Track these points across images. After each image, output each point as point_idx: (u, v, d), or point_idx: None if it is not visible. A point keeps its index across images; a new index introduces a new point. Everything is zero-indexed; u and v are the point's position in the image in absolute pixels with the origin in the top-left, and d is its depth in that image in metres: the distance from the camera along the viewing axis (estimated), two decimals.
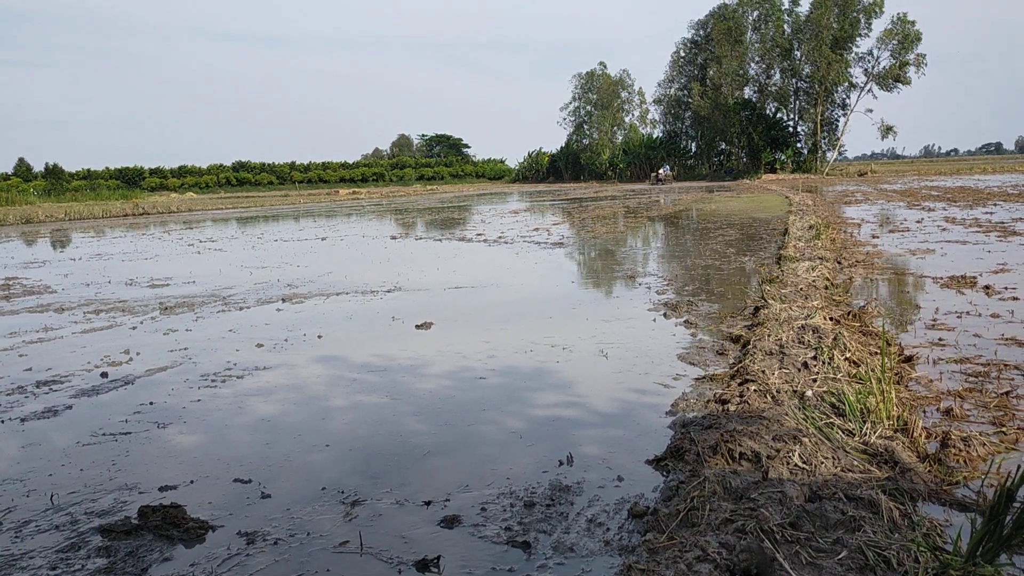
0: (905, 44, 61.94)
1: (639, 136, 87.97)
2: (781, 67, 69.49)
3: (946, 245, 12.59)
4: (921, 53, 62.05)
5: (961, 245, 12.52)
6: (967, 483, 3.50)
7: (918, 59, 62.13)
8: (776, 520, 2.93)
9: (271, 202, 59.62)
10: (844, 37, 63.93)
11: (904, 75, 62.66)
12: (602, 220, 23.23)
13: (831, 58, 63.21)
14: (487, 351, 6.62)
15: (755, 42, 70.57)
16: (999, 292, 8.06)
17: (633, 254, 14.42)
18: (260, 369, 6.35)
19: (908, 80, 62.73)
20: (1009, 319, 6.79)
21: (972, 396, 4.73)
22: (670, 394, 5.15)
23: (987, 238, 13.28)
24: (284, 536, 3.33)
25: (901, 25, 61.94)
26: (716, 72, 70.73)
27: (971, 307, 7.39)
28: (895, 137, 73.00)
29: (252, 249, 18.34)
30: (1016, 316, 6.89)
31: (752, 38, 70.93)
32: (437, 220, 28.25)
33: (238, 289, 11.09)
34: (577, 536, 3.20)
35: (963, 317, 6.98)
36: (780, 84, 70.69)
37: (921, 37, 61.60)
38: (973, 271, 9.45)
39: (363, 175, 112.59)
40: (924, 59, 62.04)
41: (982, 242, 12.75)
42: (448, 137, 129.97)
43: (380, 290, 10.41)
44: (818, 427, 4.01)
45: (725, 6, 72.43)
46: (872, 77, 64.33)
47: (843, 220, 19.24)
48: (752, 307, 7.79)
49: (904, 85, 63.03)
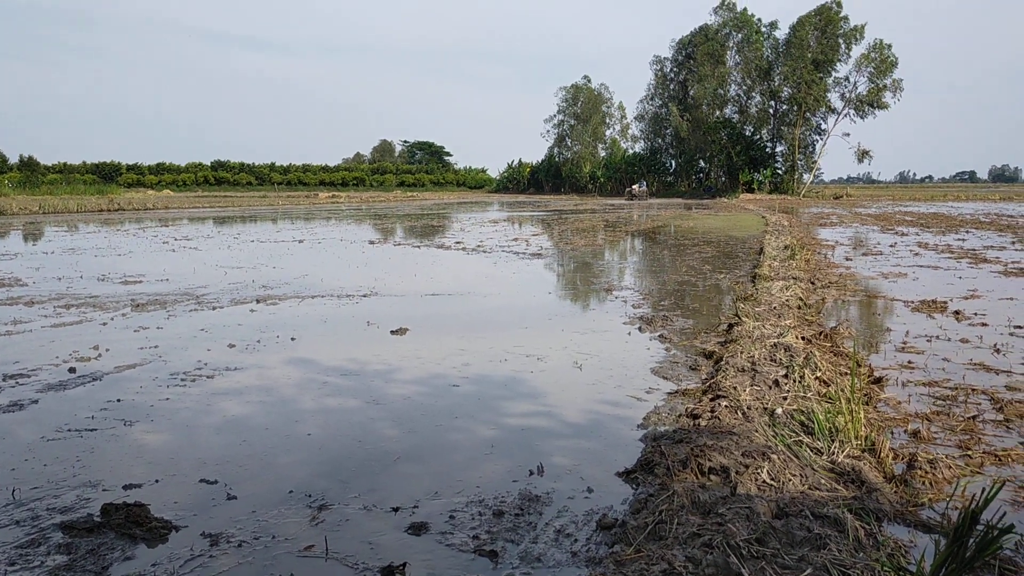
0: (882, 69, 62.84)
1: (620, 151, 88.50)
2: (760, 89, 70.20)
3: (918, 270, 12.76)
4: (898, 78, 63.14)
5: (933, 270, 12.69)
6: (932, 505, 3.53)
7: (894, 84, 63.10)
8: (743, 536, 2.94)
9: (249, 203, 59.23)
10: (824, 60, 64.73)
11: (881, 100, 63.56)
12: (581, 233, 23.30)
13: (810, 79, 63.91)
14: (461, 359, 6.61)
15: (737, 63, 71.28)
16: (969, 317, 8.17)
17: (610, 267, 14.47)
18: (231, 369, 6.29)
19: (885, 105, 63.64)
20: (978, 344, 6.89)
21: (939, 419, 4.79)
22: (642, 407, 5.17)
23: (959, 264, 13.47)
24: (248, 538, 3.30)
25: (878, 51, 62.83)
26: (698, 91, 71.33)
27: (941, 331, 7.48)
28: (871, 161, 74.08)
29: (228, 249, 18.19)
30: (985, 342, 6.98)
31: (734, 59, 71.66)
32: (416, 227, 28.20)
33: (212, 288, 10.99)
34: (545, 546, 3.20)
35: (933, 341, 7.07)
36: (760, 105, 71.42)
37: (897, 63, 62.57)
38: (944, 296, 9.58)
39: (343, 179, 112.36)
40: (900, 84, 63.08)
41: (953, 268, 12.93)
42: (430, 145, 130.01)
43: (356, 294, 10.37)
44: (787, 444, 4.04)
45: (707, 27, 73.18)
46: (849, 101, 65.17)
47: (818, 242, 19.43)
48: (726, 324, 7.84)
49: (880, 110, 63.92)
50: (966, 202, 54.45)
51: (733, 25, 71.06)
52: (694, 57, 73.49)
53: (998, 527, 2.68)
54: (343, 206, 54.53)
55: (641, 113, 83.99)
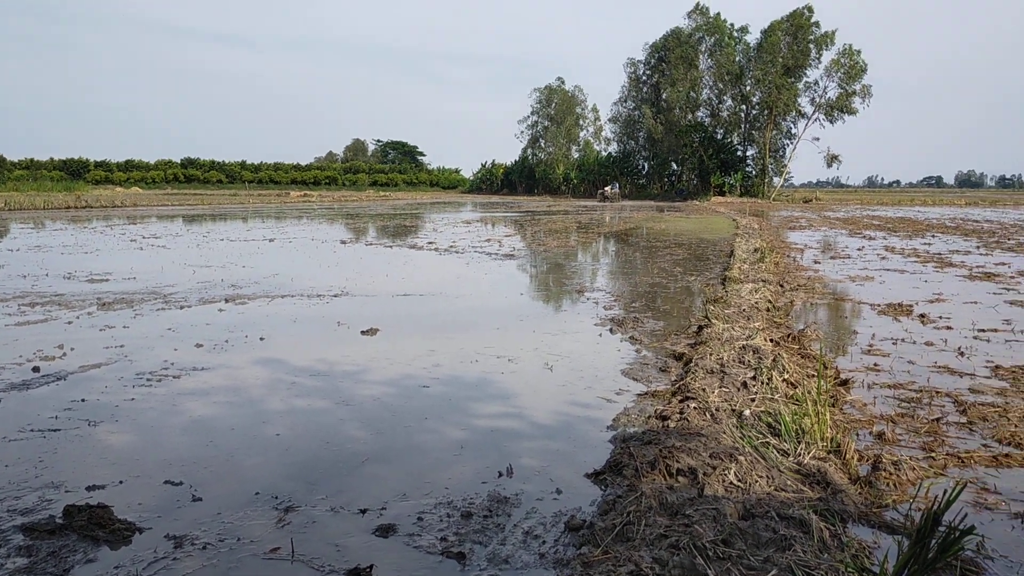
0: (851, 75, 63.57)
1: (594, 153, 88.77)
2: (732, 93, 70.77)
3: (885, 273, 12.93)
4: (867, 84, 63.80)
5: (899, 274, 12.87)
6: (896, 506, 3.58)
7: (864, 90, 63.82)
8: (709, 537, 2.96)
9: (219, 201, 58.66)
10: (795, 66, 65.38)
11: (850, 105, 64.29)
12: (554, 234, 23.34)
13: (781, 84, 64.53)
14: (432, 360, 6.59)
15: (709, 67, 71.80)
16: (934, 321, 8.29)
17: (582, 269, 14.51)
18: (198, 369, 6.22)
19: (854, 110, 64.38)
20: (942, 348, 6.99)
21: (904, 421, 4.86)
22: (612, 409, 5.18)
23: (924, 268, 13.67)
24: (213, 541, 3.26)
25: (848, 56, 63.57)
26: (670, 94, 71.75)
27: (906, 334, 7.59)
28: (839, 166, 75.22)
29: (197, 248, 18.00)
30: (949, 345, 7.09)
31: (706, 63, 72.18)
32: (389, 227, 28.09)
33: (180, 287, 10.87)
34: (513, 548, 3.20)
35: (898, 344, 7.16)
36: (731, 109, 72.00)
37: (866, 69, 63.34)
38: (910, 300, 9.72)
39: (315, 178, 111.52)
40: (869, 90, 63.77)
41: (919, 272, 13.13)
42: (404, 144, 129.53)
43: (327, 294, 10.31)
44: (754, 446, 4.07)
45: (679, 30, 73.65)
46: (819, 106, 65.88)
47: (787, 245, 19.63)
48: (696, 326, 7.90)
49: (850, 115, 64.67)
50: (933, 207, 55.30)
51: (706, 30, 71.57)
52: (667, 61, 73.87)
53: (959, 528, 2.72)
54: (315, 205, 54.17)
55: (615, 115, 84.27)
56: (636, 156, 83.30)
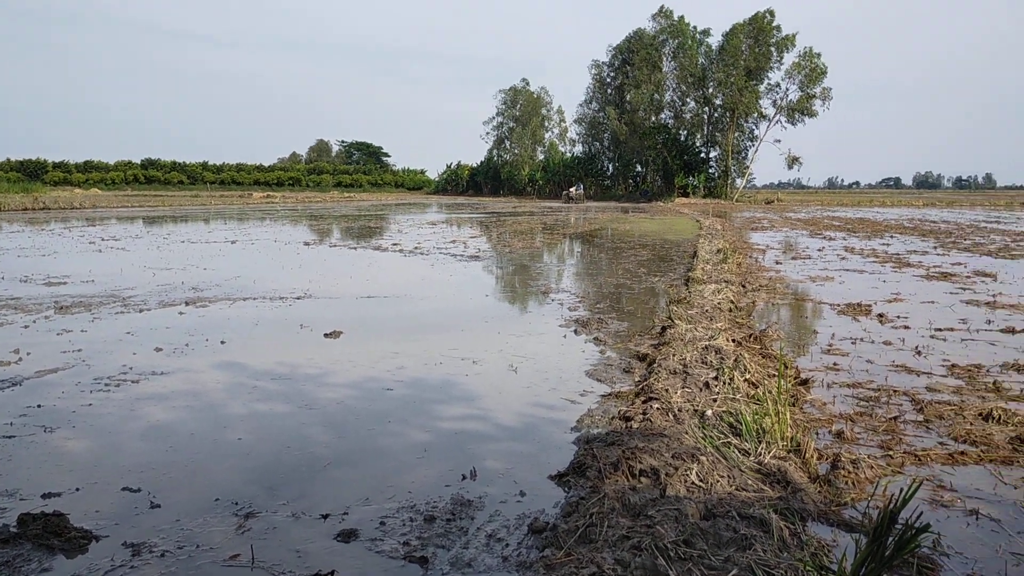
0: (812, 78, 64.42)
1: (559, 154, 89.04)
2: (695, 95, 71.38)
3: (844, 274, 13.13)
4: (827, 87, 64.70)
5: (859, 274, 13.07)
6: (855, 504, 3.63)
7: (824, 93, 64.69)
8: (671, 537, 2.98)
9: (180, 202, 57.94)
10: (756, 68, 66.10)
11: (810, 108, 65.15)
12: (519, 235, 23.37)
13: (742, 86, 65.22)
14: (396, 362, 6.56)
15: (673, 70, 72.36)
16: (892, 320, 8.43)
17: (548, 270, 14.54)
18: (157, 374, 6.13)
19: (814, 112, 65.23)
20: (900, 347, 7.11)
21: (863, 420, 4.93)
22: (576, 410, 5.20)
23: (883, 268, 13.91)
24: (172, 548, 3.21)
25: (808, 59, 64.42)
26: (634, 96, 72.19)
27: (865, 334, 7.71)
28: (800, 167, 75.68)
29: (157, 250, 17.74)
30: (907, 344, 7.22)
31: (670, 66, 72.73)
32: (353, 228, 27.92)
33: (139, 290, 10.71)
34: (476, 551, 3.19)
35: (857, 343, 7.28)
36: (694, 111, 72.61)
37: (827, 71, 64.24)
38: (868, 299, 9.88)
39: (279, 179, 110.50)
40: (829, 93, 64.66)
41: (878, 272, 13.35)
42: (368, 145, 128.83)
43: (290, 296, 10.21)
44: (716, 446, 4.11)
45: (642, 31, 74.17)
46: (781, 108, 66.69)
47: (749, 245, 19.85)
48: (660, 326, 7.95)
49: (810, 117, 65.53)
50: (891, 208, 56.27)
51: (670, 32, 72.12)
52: (631, 63, 74.34)
53: (916, 526, 2.77)
54: (278, 206, 53.69)
55: (580, 117, 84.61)
56: (601, 157, 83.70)
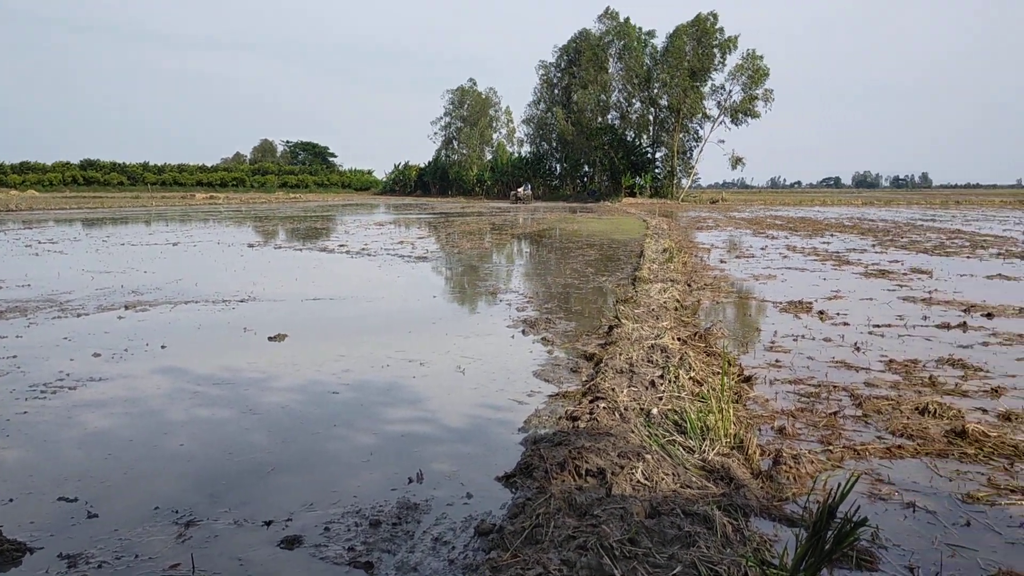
0: (754, 79, 65.54)
1: (507, 154, 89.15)
2: (641, 96, 72.06)
3: (786, 272, 13.38)
4: (769, 88, 65.90)
5: (800, 272, 13.33)
6: (796, 499, 3.69)
7: (766, 94, 65.88)
8: (616, 536, 2.99)
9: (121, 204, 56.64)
10: (700, 69, 67.00)
11: (753, 109, 66.28)
12: (468, 235, 23.33)
13: (686, 87, 66.06)
14: (342, 365, 6.49)
15: (619, 71, 72.96)
16: (832, 317, 8.61)
17: (496, 270, 14.54)
18: (95, 380, 5.97)
19: (757, 113, 66.37)
20: (839, 343, 7.26)
21: (804, 415, 5.02)
22: (524, 411, 5.20)
23: (823, 266, 14.20)
24: (109, 559, 3.13)
25: (751, 61, 65.53)
26: (581, 96, 72.62)
27: (806, 331, 7.86)
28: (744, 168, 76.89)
29: (96, 252, 17.30)
30: (846, 340, 7.37)
31: (616, 67, 73.34)
32: (299, 229, 27.57)
33: (77, 294, 10.42)
34: (422, 555, 3.16)
35: (799, 340, 7.41)
36: (640, 112, 73.33)
37: (769, 73, 65.42)
38: (809, 297, 10.07)
39: (222, 180, 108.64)
40: (771, 94, 65.86)
41: (819, 270, 13.62)
42: (314, 145, 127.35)
43: (233, 299, 10.03)
44: (661, 444, 4.14)
45: (588, 32, 74.68)
46: (725, 109, 67.70)
47: (695, 245, 20.11)
48: (607, 326, 8.00)
49: (753, 118, 66.65)
50: (832, 207, 57.55)
51: (616, 33, 72.71)
52: (578, 63, 74.79)
53: (854, 520, 2.82)
54: (222, 207, 52.78)
55: (528, 117, 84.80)
56: (549, 158, 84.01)
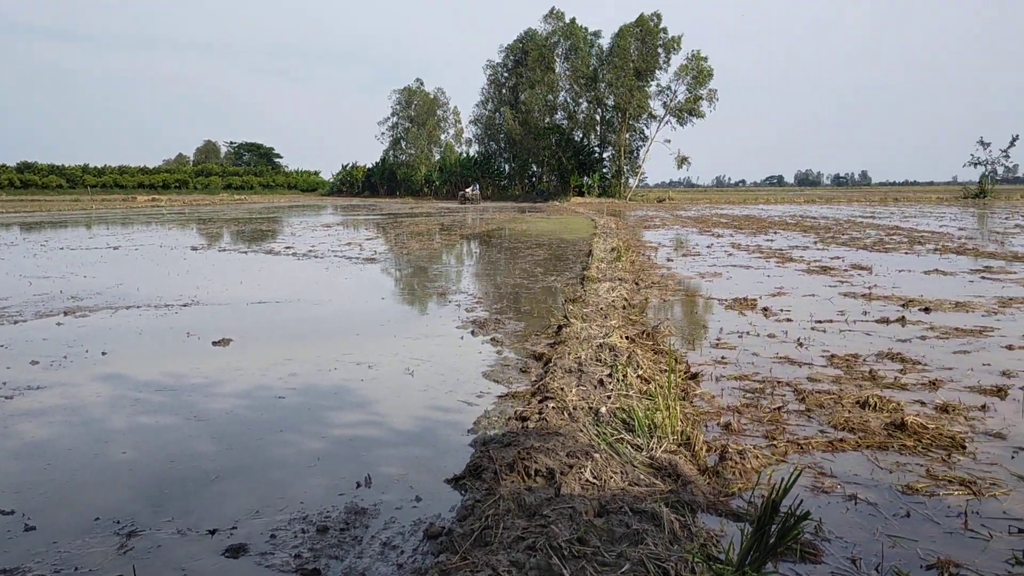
0: (699, 79, 66.46)
1: (455, 155, 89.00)
2: (587, 96, 72.52)
3: (732, 269, 13.57)
4: (713, 88, 66.91)
5: (745, 269, 13.54)
6: (741, 494, 3.74)
7: (710, 94, 66.90)
8: (565, 536, 3.00)
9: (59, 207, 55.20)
10: (645, 69, 67.70)
11: (698, 108, 67.22)
12: (416, 236, 23.23)
13: (632, 86, 66.70)
14: (288, 369, 6.40)
15: (566, 71, 73.34)
16: (776, 314, 8.76)
17: (446, 271, 14.50)
18: (33, 388, 5.80)
19: (701, 113, 67.32)
20: (783, 339, 7.40)
21: (749, 411, 5.09)
22: (473, 412, 5.19)
23: (767, 263, 14.45)
24: (48, 572, 3.04)
25: (695, 62, 66.44)
26: (528, 96, 72.83)
27: (751, 327, 7.98)
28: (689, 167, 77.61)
29: (34, 257, 16.82)
30: (789, 336, 7.51)
31: (562, 67, 73.71)
32: (244, 231, 27.16)
33: (14, 301, 10.11)
34: (370, 560, 3.14)
35: (744, 337, 7.53)
36: (587, 112, 73.80)
37: (713, 74, 66.42)
38: (754, 294, 10.24)
39: (164, 182, 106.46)
40: (716, 95, 66.92)
41: (763, 267, 13.86)
42: (259, 146, 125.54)
43: (176, 304, 9.83)
44: (609, 443, 4.16)
45: (534, 31, 74.94)
46: (670, 109, 68.51)
47: (642, 244, 20.30)
48: (556, 326, 8.02)
49: (698, 118, 67.58)
50: (775, 204, 58.58)
51: (562, 33, 73.07)
52: (524, 63, 74.98)
53: (797, 514, 2.87)
54: (164, 210, 51.75)
55: (476, 117, 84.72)
56: (497, 158, 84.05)
